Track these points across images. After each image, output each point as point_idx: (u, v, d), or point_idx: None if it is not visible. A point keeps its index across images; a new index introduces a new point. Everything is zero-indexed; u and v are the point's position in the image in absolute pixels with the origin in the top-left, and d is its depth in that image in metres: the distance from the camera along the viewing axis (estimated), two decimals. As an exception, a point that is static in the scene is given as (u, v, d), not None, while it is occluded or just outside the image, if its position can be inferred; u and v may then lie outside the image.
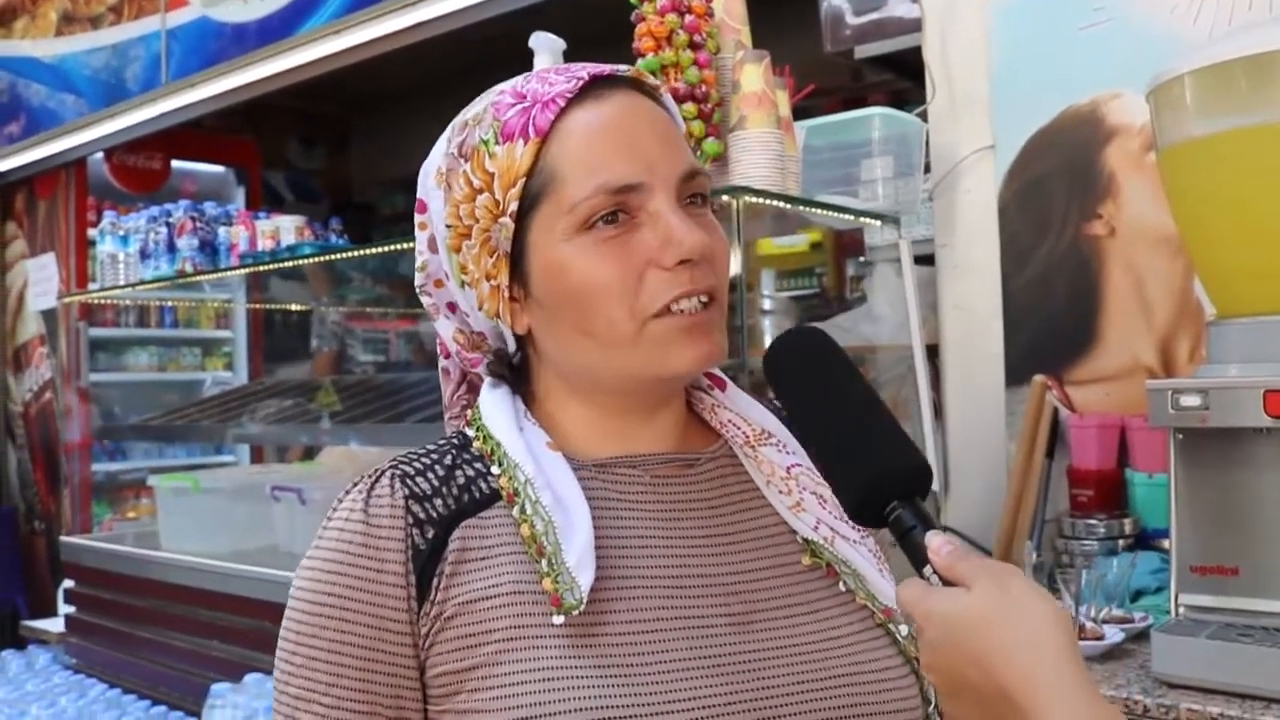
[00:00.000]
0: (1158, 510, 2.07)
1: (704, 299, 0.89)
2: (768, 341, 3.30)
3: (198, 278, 3.55)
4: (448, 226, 0.94)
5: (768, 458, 0.97)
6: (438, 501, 0.89)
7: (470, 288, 0.94)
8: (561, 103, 0.89)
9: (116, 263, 3.66)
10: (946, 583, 0.76)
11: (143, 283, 3.64)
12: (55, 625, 3.97)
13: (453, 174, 0.93)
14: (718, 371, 1.02)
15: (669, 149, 0.90)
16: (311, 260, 3.10)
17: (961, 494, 2.48)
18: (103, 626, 3.57)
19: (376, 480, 0.91)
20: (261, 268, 3.42)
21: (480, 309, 0.94)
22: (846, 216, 2.43)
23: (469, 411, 0.99)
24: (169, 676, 3.25)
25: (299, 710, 0.87)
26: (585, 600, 0.83)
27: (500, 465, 0.91)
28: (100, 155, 5.51)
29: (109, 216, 3.73)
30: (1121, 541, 2.10)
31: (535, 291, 0.91)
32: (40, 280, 5.59)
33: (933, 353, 2.55)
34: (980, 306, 2.45)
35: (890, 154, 2.43)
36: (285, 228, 3.28)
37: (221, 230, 3.50)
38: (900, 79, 3.03)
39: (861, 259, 3.26)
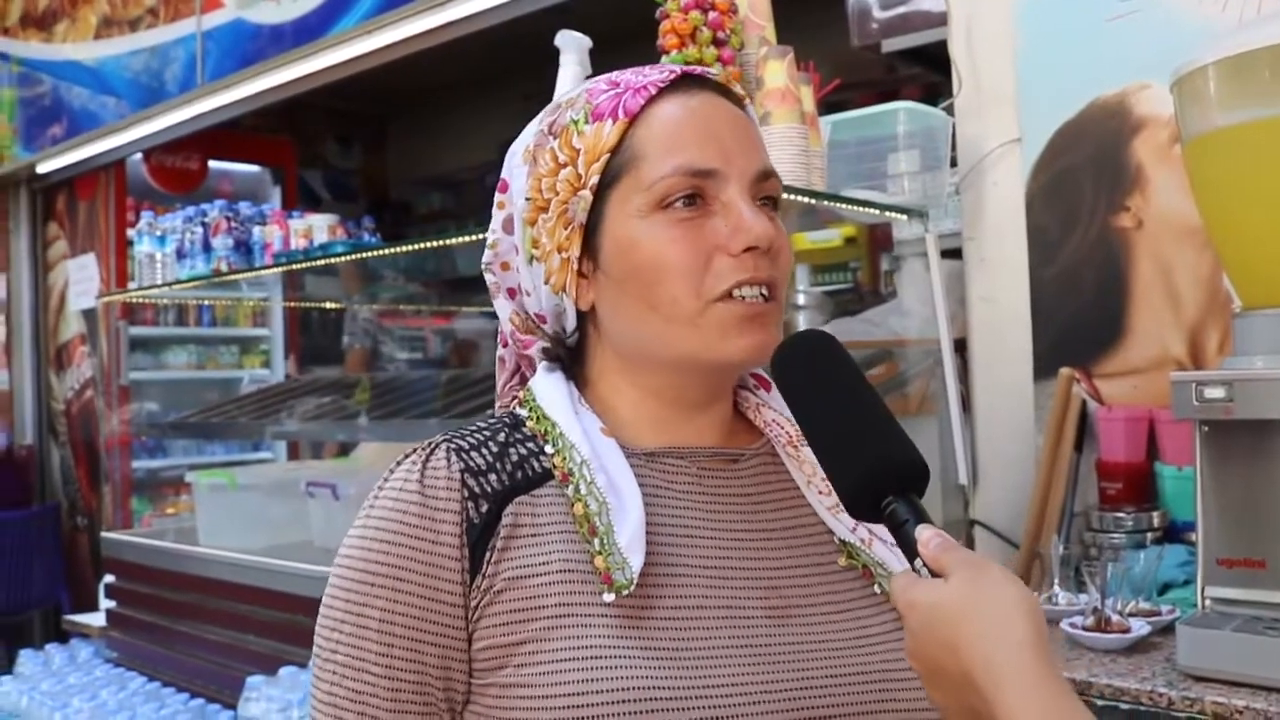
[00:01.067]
0: (1187, 503, 2.05)
1: (765, 290, 0.91)
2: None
3: (232, 277, 3.60)
4: (527, 199, 0.97)
5: (809, 458, 0.98)
6: (492, 477, 0.91)
7: (540, 262, 0.96)
8: (653, 90, 0.94)
9: (154, 262, 3.71)
10: (935, 574, 0.77)
11: (179, 282, 3.69)
12: (97, 620, 4.03)
13: (540, 149, 0.97)
14: (763, 372, 1.05)
15: (747, 147, 0.94)
16: (344, 259, 3.13)
17: (990, 487, 2.48)
18: (142, 620, 3.62)
19: (432, 452, 0.93)
20: (295, 266, 3.46)
21: (547, 283, 0.96)
22: (873, 211, 2.43)
23: (520, 392, 1.01)
24: (206, 669, 3.30)
25: (346, 679, 0.88)
26: (635, 581, 0.85)
27: (555, 445, 0.93)
28: (139, 156, 5.59)
29: (146, 217, 3.79)
30: (1150, 535, 2.09)
31: (604, 265, 0.94)
32: (81, 280, 5.67)
33: (961, 346, 2.54)
34: (1008, 300, 2.44)
35: (916, 148, 2.43)
36: (318, 227, 3.32)
37: (256, 230, 3.54)
38: (932, 72, 3.03)
39: (894, 253, 3.26)
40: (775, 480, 1.00)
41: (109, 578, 3.82)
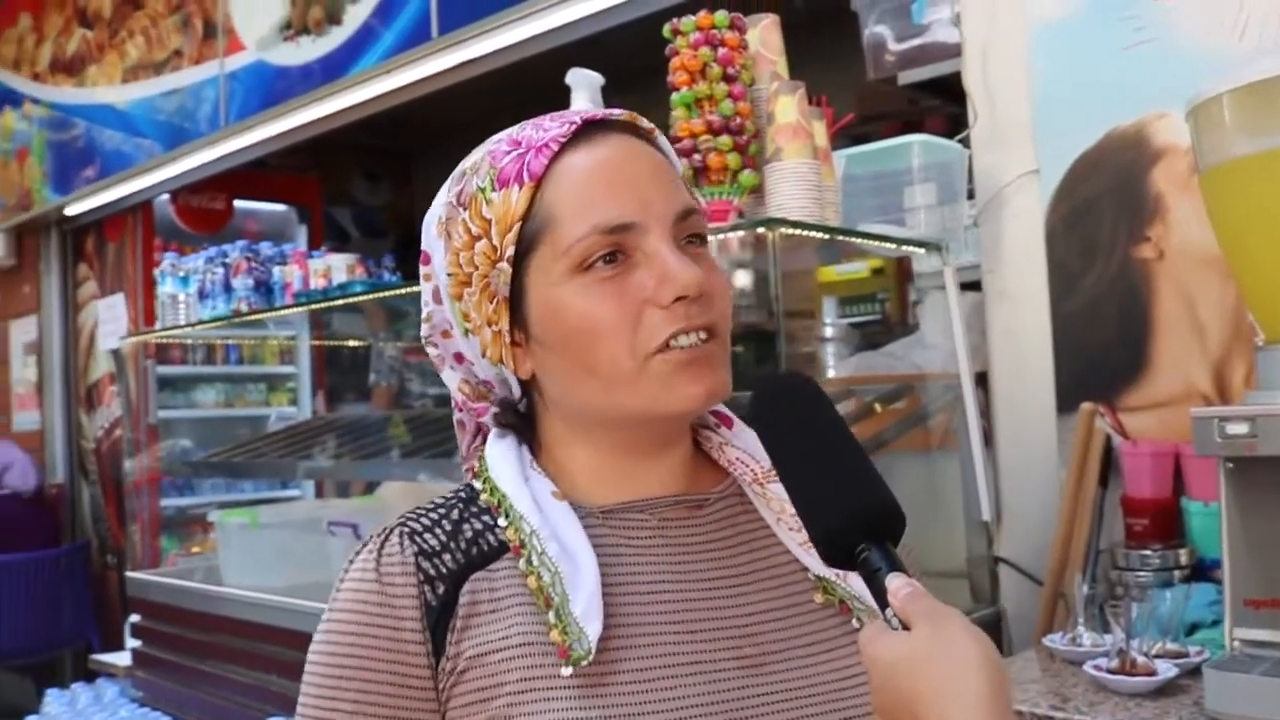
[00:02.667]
0: (1215, 540, 2.00)
1: (703, 335, 0.89)
2: (830, 370, 3.29)
3: (252, 317, 3.61)
4: (449, 275, 0.94)
5: (777, 495, 0.95)
6: (446, 556, 0.90)
7: (473, 335, 0.94)
8: (555, 147, 0.90)
9: (177, 303, 3.74)
10: (904, 625, 0.75)
11: (201, 322, 3.71)
12: (123, 659, 4.03)
13: (452, 223, 0.94)
14: (724, 409, 1.02)
15: (663, 188, 0.91)
16: (362, 298, 3.14)
17: (1013, 523, 2.43)
18: (166, 660, 3.62)
19: (386, 539, 0.91)
20: (314, 306, 3.47)
21: (484, 356, 0.94)
22: (889, 245, 2.40)
23: (477, 463, 0.99)
24: (229, 710, 3.28)
25: None
26: (594, 650, 0.83)
27: (507, 517, 0.91)
28: (166, 198, 5.64)
29: (169, 258, 3.82)
30: (1177, 572, 2.04)
31: (536, 334, 0.91)
32: (110, 320, 5.73)
33: (984, 380, 2.51)
34: (1029, 333, 2.40)
35: (932, 181, 2.41)
36: (337, 266, 3.33)
37: (276, 270, 3.56)
38: (951, 105, 3.01)
39: (916, 286, 3.23)
40: (744, 521, 0.97)
41: (134, 617, 3.82)
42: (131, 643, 3.89)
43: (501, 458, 0.95)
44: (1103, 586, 2.10)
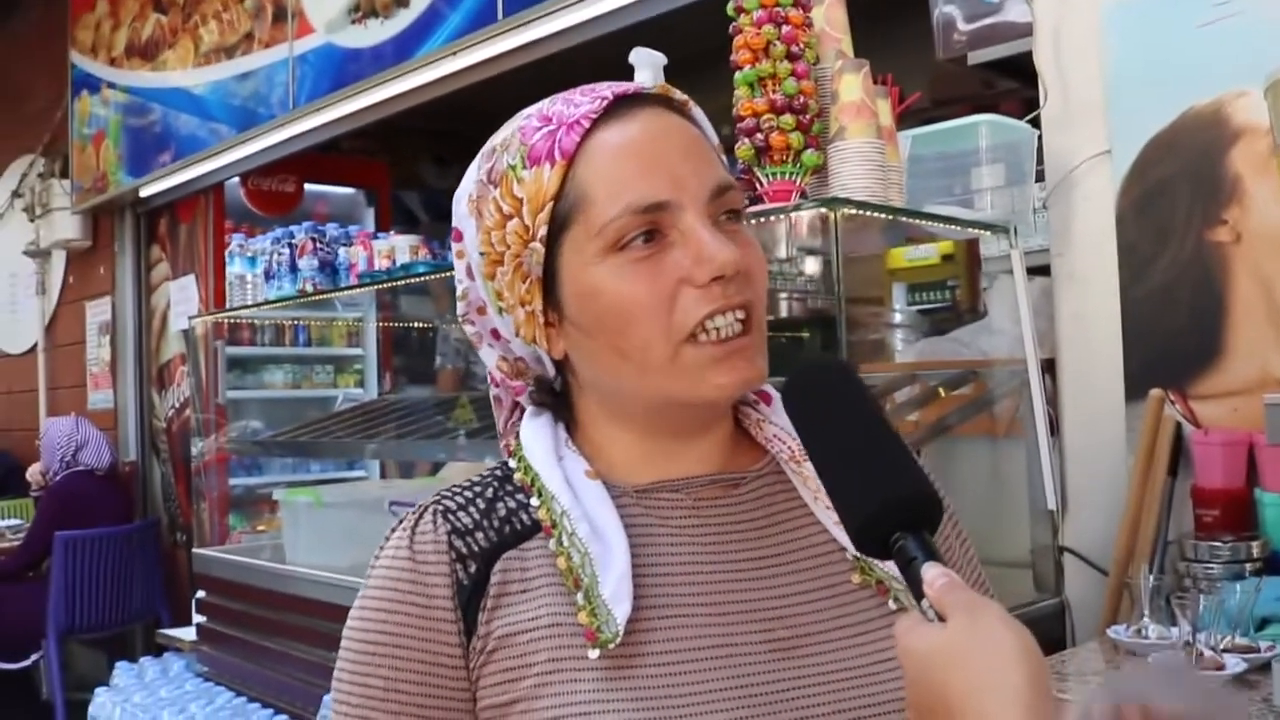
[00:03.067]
0: (1289, 532, 1.95)
1: (739, 315, 0.87)
2: (898, 355, 3.24)
3: (316, 297, 3.65)
4: (481, 254, 0.93)
5: (813, 473, 0.93)
6: (479, 535, 0.90)
7: (507, 314, 0.93)
8: (586, 124, 0.89)
9: (244, 283, 3.79)
10: (940, 616, 0.72)
11: (267, 303, 3.75)
12: (189, 634, 4.10)
13: (483, 200, 0.93)
14: (765, 385, 0.99)
15: (698, 165, 0.89)
16: (423, 278, 3.15)
17: (1080, 513, 2.38)
18: (230, 636, 3.67)
19: (420, 517, 0.92)
20: (376, 286, 3.49)
21: (518, 335, 0.93)
22: (954, 227, 2.36)
23: (508, 439, 0.99)
24: (290, 686, 3.33)
25: None
26: (621, 633, 0.82)
27: (539, 496, 0.91)
28: (237, 180, 5.72)
29: (236, 239, 3.87)
30: (1249, 565, 1.98)
31: (569, 315, 0.90)
32: (181, 301, 5.82)
33: (1051, 367, 2.46)
34: (1098, 318, 2.35)
35: (1000, 162, 2.36)
36: (400, 247, 3.35)
37: (341, 250, 3.59)
38: (1026, 87, 2.95)
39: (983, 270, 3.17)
40: (781, 500, 0.96)
41: (200, 593, 3.89)
42: (197, 618, 3.96)
43: (536, 436, 0.94)
44: (1170, 578, 2.05)
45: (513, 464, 0.95)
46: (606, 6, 3.18)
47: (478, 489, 0.94)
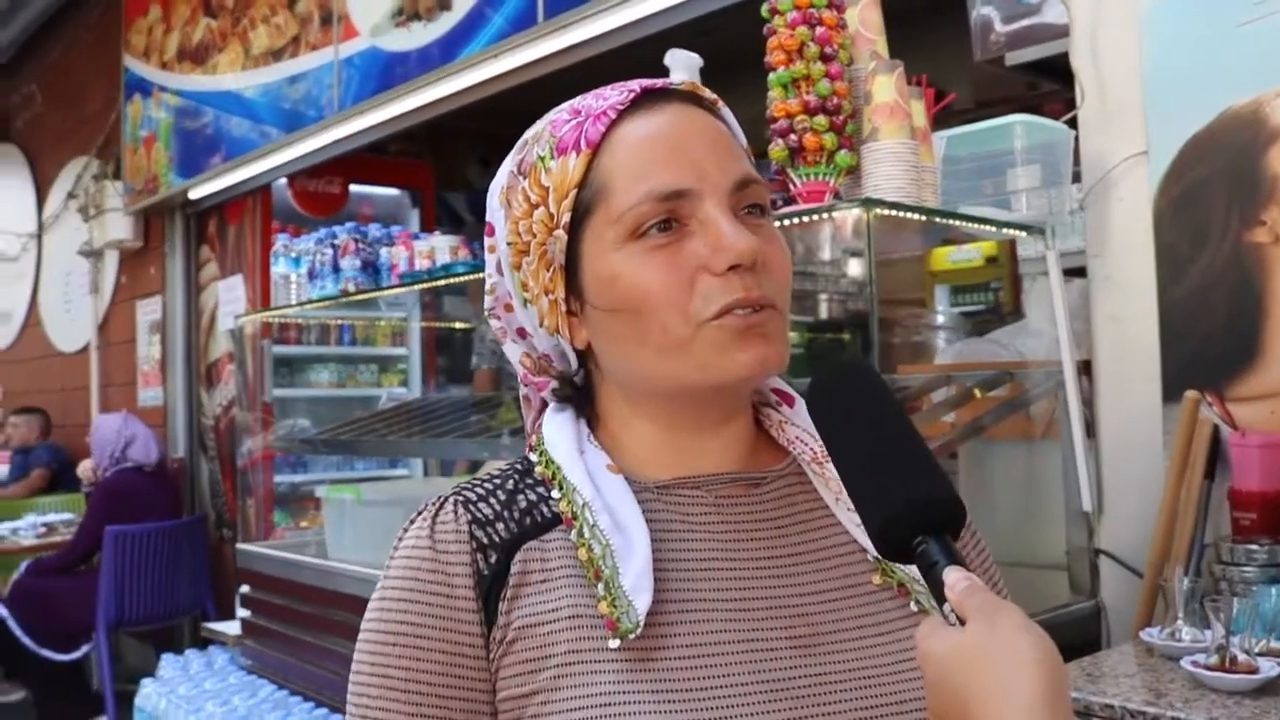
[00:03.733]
0: (1327, 536, 1.93)
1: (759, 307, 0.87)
2: (938, 357, 3.22)
3: (357, 297, 3.69)
4: (508, 244, 0.94)
5: (835, 475, 0.92)
6: (500, 525, 0.90)
7: (531, 304, 0.94)
8: (613, 114, 0.90)
9: (289, 283, 3.84)
10: (960, 620, 0.72)
11: (309, 302, 3.80)
12: (233, 628, 4.17)
13: (512, 192, 0.94)
14: (786, 387, 1.00)
15: (721, 156, 0.89)
16: (462, 279, 3.18)
17: (1116, 515, 2.37)
18: (272, 630, 3.73)
19: (440, 507, 0.92)
20: (416, 286, 3.53)
21: (541, 325, 0.94)
22: (989, 228, 2.35)
23: (534, 436, 0.99)
24: (330, 680, 3.38)
25: None
26: (642, 624, 0.82)
27: (560, 489, 0.91)
28: (284, 182, 5.80)
29: (281, 239, 3.92)
30: (1286, 569, 1.96)
31: (591, 302, 0.91)
32: (229, 300, 5.91)
33: (1087, 368, 2.44)
34: (1135, 320, 2.33)
35: (1036, 163, 2.35)
36: (440, 248, 3.38)
37: (383, 251, 3.63)
38: (1067, 88, 2.93)
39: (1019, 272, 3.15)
40: (802, 501, 0.96)
41: (244, 588, 3.95)
42: (241, 612, 4.02)
43: (558, 430, 0.95)
44: (1206, 581, 2.03)
45: (534, 458, 0.96)
46: (646, 10, 3.20)
47: (498, 481, 0.94)
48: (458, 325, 5.79)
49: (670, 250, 0.87)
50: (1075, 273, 2.47)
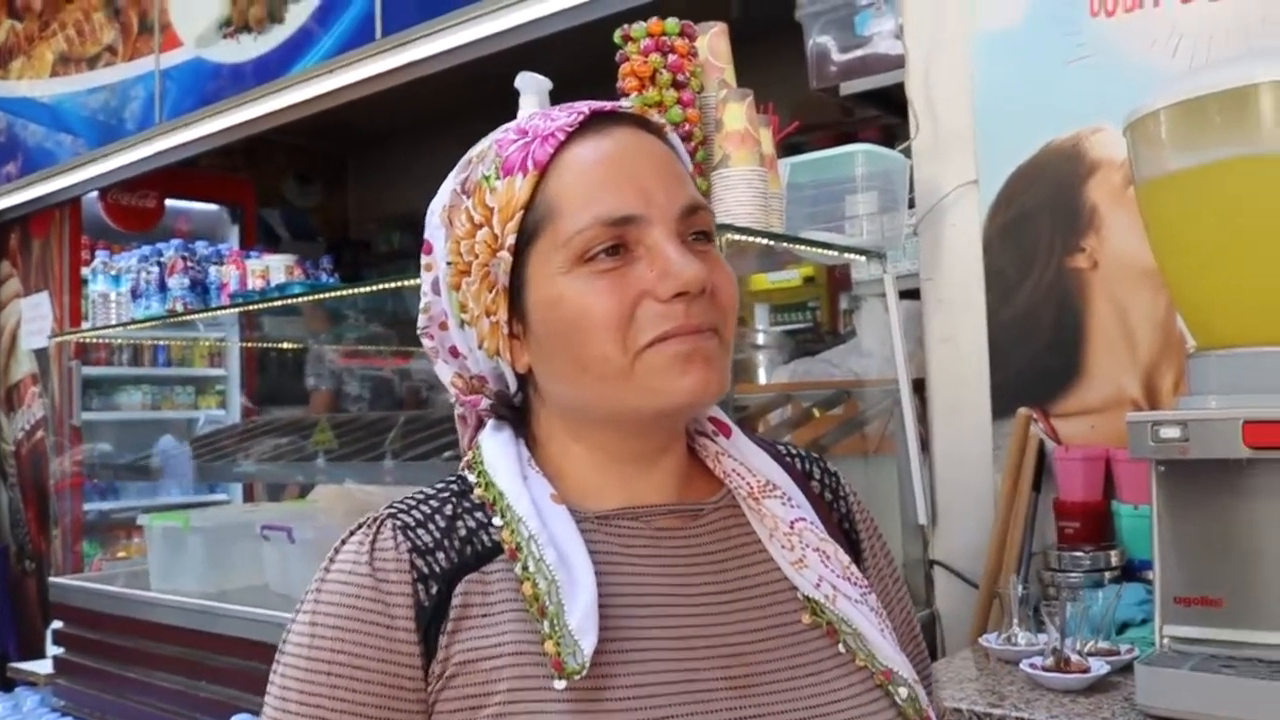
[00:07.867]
0: (1144, 542, 2.06)
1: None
2: (761, 376, 3.29)
3: (189, 317, 3.56)
4: (448, 263, 0.93)
5: (771, 511, 0.94)
6: (440, 555, 0.87)
7: (470, 326, 0.93)
8: (561, 136, 0.89)
9: (108, 302, 3.67)
10: None
11: (134, 322, 3.64)
12: (43, 667, 3.95)
13: (455, 210, 0.93)
14: (724, 417, 1.00)
15: (669, 183, 0.89)
16: (300, 300, 3.10)
17: (949, 527, 2.48)
18: (91, 667, 3.55)
19: (378, 531, 0.89)
20: (251, 307, 3.43)
21: (480, 347, 0.93)
22: (831, 252, 2.44)
23: (470, 452, 0.96)
24: (157, 718, 3.23)
25: None
26: (588, 665, 0.80)
27: (502, 517, 0.88)
28: (95, 194, 5.53)
29: (101, 256, 3.75)
30: (1108, 573, 2.09)
31: (533, 326, 0.90)
32: (33, 319, 5.60)
33: (920, 387, 2.55)
34: (966, 340, 2.46)
35: (874, 190, 2.45)
36: (275, 267, 3.30)
37: (212, 269, 3.51)
38: (890, 115, 3.06)
39: (853, 293, 3.27)
40: (737, 534, 0.95)
41: (57, 623, 3.74)
42: (53, 650, 3.81)
43: (500, 453, 0.92)
44: (1036, 588, 2.15)
45: (472, 478, 0.93)
46: (487, 30, 3.20)
47: (435, 504, 0.91)
48: (285, 346, 5.62)
49: (615, 275, 0.86)
50: (909, 295, 2.59)
